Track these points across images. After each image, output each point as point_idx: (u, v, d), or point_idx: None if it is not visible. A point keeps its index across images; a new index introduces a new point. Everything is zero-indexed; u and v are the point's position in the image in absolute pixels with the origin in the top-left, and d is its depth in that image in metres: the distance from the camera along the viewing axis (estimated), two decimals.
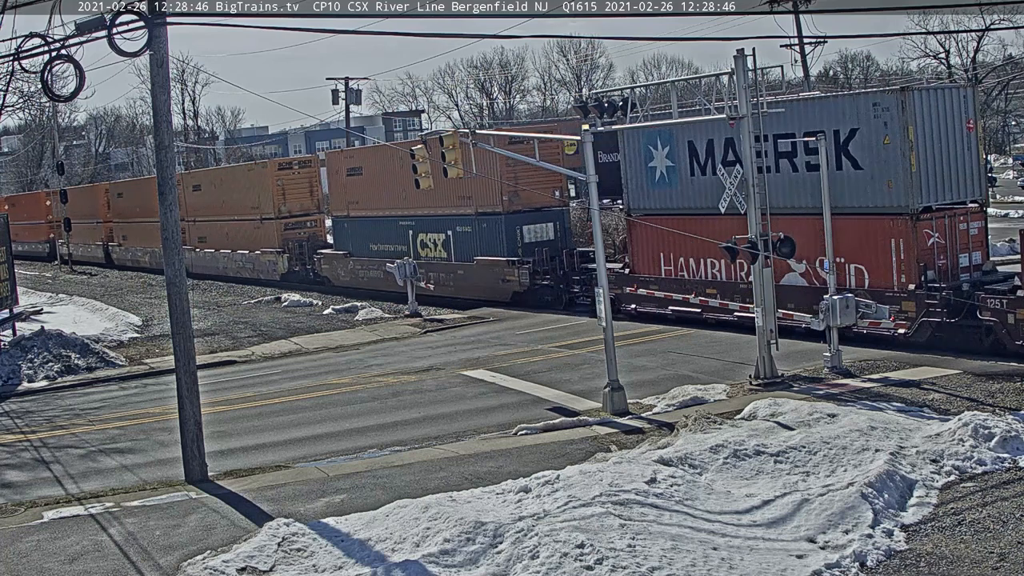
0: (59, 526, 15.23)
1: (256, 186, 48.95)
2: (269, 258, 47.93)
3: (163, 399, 23.14)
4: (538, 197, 33.44)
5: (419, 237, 38.16)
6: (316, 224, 48.42)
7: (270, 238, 48.04)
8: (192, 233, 54.76)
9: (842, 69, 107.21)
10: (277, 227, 47.82)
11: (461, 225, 35.89)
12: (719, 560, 12.12)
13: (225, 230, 52.03)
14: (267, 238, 48.21)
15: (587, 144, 21.14)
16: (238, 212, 50.57)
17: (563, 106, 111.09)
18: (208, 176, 58.91)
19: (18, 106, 39.97)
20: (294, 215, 48.00)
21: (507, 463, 16.70)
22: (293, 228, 47.75)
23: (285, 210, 47.82)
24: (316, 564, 12.83)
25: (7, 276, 32.75)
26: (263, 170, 49.65)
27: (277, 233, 47.64)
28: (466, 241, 35.76)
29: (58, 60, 16.70)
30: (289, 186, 47.84)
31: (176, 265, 17.23)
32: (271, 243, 47.98)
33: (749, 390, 20.39)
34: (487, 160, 28.93)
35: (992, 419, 16.03)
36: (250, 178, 49.94)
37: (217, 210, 52.67)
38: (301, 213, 48.13)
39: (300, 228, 47.87)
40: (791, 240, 21.26)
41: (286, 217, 47.89)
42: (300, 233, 47.59)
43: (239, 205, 50.31)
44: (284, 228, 47.72)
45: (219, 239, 52.92)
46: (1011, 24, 64.67)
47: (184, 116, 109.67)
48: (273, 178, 47.98)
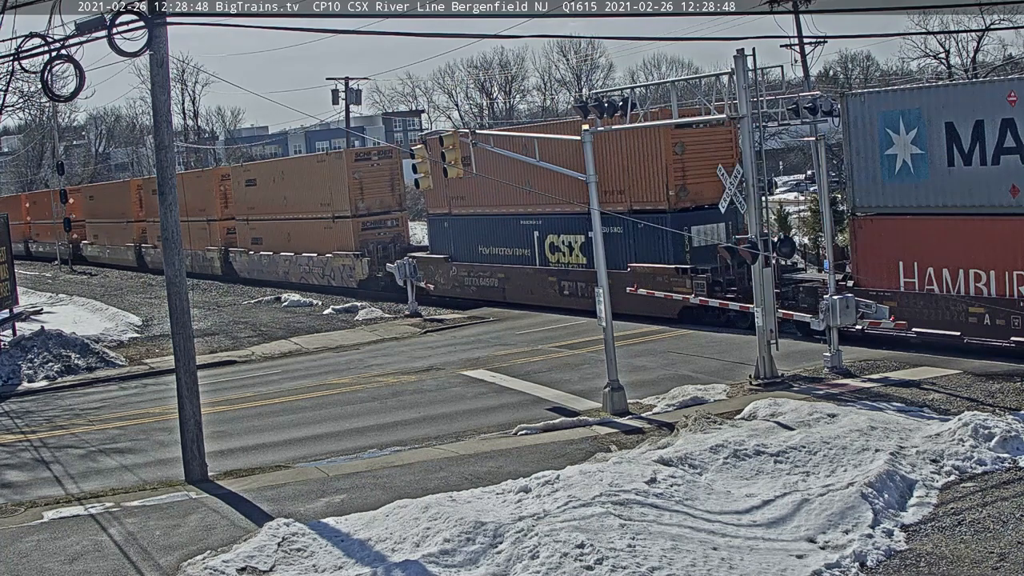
0: (59, 526, 15.23)
1: (327, 180, 43.18)
2: (344, 262, 42.03)
3: (163, 399, 23.13)
4: (708, 191, 27.94)
5: (548, 239, 32.74)
6: (399, 223, 42.73)
7: (344, 239, 42.34)
8: (244, 234, 49.91)
9: (842, 69, 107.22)
10: (353, 227, 41.86)
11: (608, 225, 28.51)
12: (719, 560, 12.12)
13: (287, 230, 46.25)
14: (340, 239, 42.56)
15: (587, 144, 21.13)
16: (304, 210, 44.81)
17: (563, 106, 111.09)
18: (266, 169, 51.90)
19: (18, 106, 39.98)
20: (373, 213, 42.14)
21: (507, 463, 16.70)
22: (372, 228, 41.99)
23: (363, 207, 41.93)
24: (316, 564, 12.83)
25: (7, 276, 32.75)
26: (337, 161, 43.71)
27: (353, 234, 41.85)
28: (614, 244, 29.02)
29: (58, 60, 16.70)
30: (367, 179, 41.74)
31: (176, 265, 17.24)
32: (345, 245, 42.28)
33: (749, 390, 20.39)
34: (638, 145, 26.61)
35: (992, 419, 16.03)
36: (319, 171, 44.21)
37: (277, 208, 46.94)
38: (381, 211, 42.42)
39: (380, 228, 42.18)
40: (791, 240, 21.26)
41: (364, 215, 41.99)
42: (380, 233, 41.94)
43: (305, 202, 44.43)
44: (362, 228, 41.83)
45: (279, 241, 47.04)
46: (1011, 24, 64.67)
47: (184, 116, 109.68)
48: (349, 170, 42.10)
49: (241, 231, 50.36)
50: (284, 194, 46.18)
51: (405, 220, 43.54)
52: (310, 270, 44.45)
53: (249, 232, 49.68)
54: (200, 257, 53.85)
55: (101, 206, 67.08)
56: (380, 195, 42.37)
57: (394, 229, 42.52)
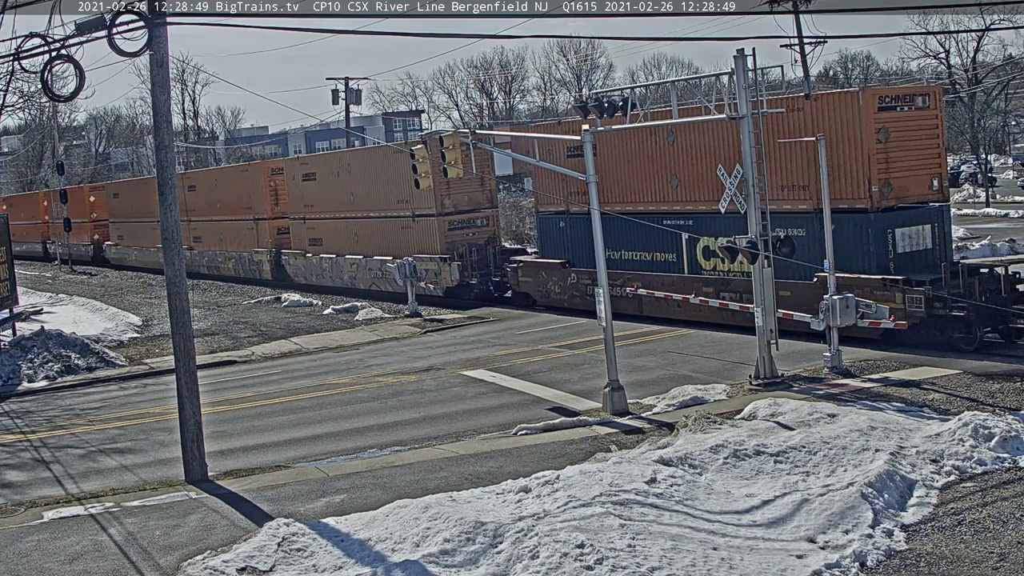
0: (59, 526, 15.23)
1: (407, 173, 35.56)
2: (427, 266, 37.08)
3: (163, 399, 23.13)
4: (915, 187, 24.18)
5: (701, 244, 27.71)
6: (489, 222, 37.94)
7: (427, 241, 37.70)
8: (301, 234, 45.22)
9: (842, 69, 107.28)
10: (439, 226, 37.15)
11: (784, 226, 24.46)
12: (719, 560, 12.12)
13: (354, 229, 41.67)
14: (423, 241, 37.99)
15: (587, 144, 21.13)
16: (375, 207, 39.95)
17: (563, 106, 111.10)
18: (329, 162, 46.09)
19: (18, 106, 39.96)
20: (461, 211, 37.35)
21: (507, 463, 16.70)
22: (459, 228, 37.28)
23: (449, 204, 37.15)
24: (316, 564, 12.83)
25: (7, 276, 32.74)
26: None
27: (439, 234, 37.14)
28: (796, 250, 24.17)
29: (58, 60, 16.71)
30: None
31: (176, 265, 17.23)
32: (429, 247, 37.61)
33: (749, 390, 20.39)
34: (831, 129, 22.90)
35: (992, 419, 16.03)
36: (397, 163, 37.13)
37: (341, 205, 42.15)
38: (469, 208, 37.58)
39: (469, 228, 37.47)
40: (791, 240, 21.26)
41: (451, 213, 37.26)
42: (470, 234, 37.19)
43: (377, 198, 39.33)
44: (448, 228, 37.16)
45: (343, 242, 42.30)
46: (1011, 24, 64.67)
47: (184, 116, 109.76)
48: None
49: (296, 231, 45.74)
50: (351, 190, 41.11)
51: (495, 219, 38.77)
52: (383, 275, 39.26)
53: (306, 232, 44.96)
54: (246, 260, 49.75)
55: (127, 204, 61.88)
56: (468, 191, 37.04)
57: (484, 229, 37.77)
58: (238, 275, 50.38)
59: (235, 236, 50.23)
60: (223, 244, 51.61)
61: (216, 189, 52.13)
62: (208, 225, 52.79)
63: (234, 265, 50.83)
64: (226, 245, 51.35)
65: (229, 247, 51.13)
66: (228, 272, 51.29)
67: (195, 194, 53.54)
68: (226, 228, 51.02)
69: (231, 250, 50.89)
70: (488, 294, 36.31)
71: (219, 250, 52.04)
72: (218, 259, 52.10)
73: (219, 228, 51.69)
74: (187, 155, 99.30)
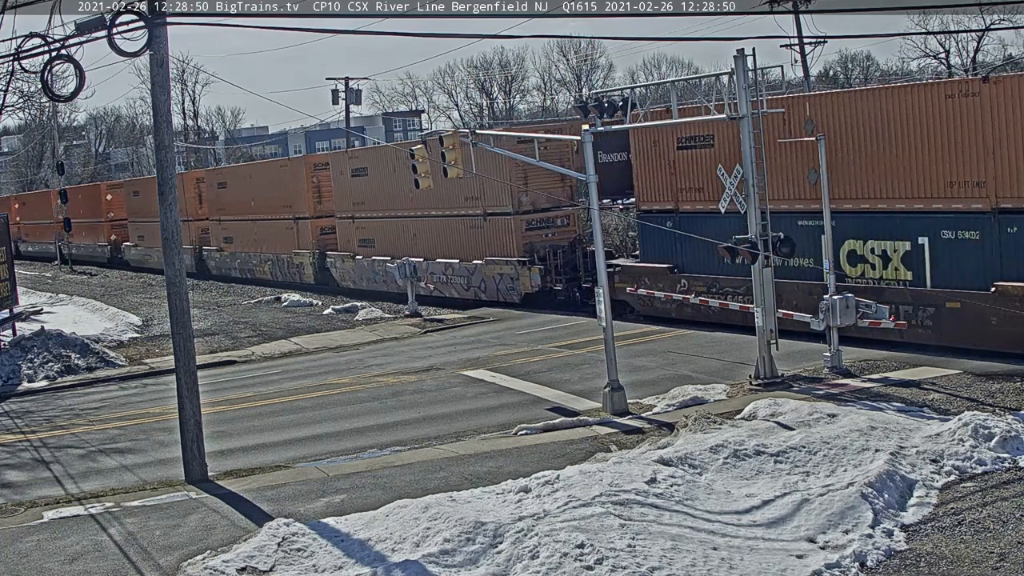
0: (59, 526, 15.23)
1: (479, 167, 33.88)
2: (501, 271, 34.27)
3: (163, 399, 23.14)
4: None
5: (848, 245, 23.89)
6: (569, 222, 34.62)
7: (502, 242, 34.64)
8: (350, 235, 41.83)
9: (842, 69, 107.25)
10: (515, 226, 34.04)
11: (952, 228, 21.83)
12: (719, 560, 12.12)
13: (412, 230, 38.61)
14: (496, 242, 34.82)
15: (587, 144, 21.14)
16: (439, 205, 36.34)
17: (563, 106, 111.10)
18: (380, 156, 41.51)
19: (18, 106, 40.03)
20: (539, 209, 34.18)
21: (507, 463, 16.70)
22: (537, 228, 34.04)
23: (527, 202, 34.05)
24: (316, 564, 12.83)
25: (7, 276, 32.75)
26: None
27: (515, 235, 33.97)
28: (966, 256, 21.69)
29: (58, 60, 16.72)
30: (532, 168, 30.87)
31: (176, 265, 17.22)
32: (504, 249, 34.50)
33: (749, 390, 20.39)
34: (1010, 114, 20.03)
35: (992, 419, 16.03)
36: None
37: (397, 203, 38.51)
38: (547, 207, 34.33)
39: (548, 228, 34.11)
40: (791, 240, 21.25)
41: (528, 212, 34.12)
42: (549, 235, 33.80)
43: (441, 196, 34.66)
44: (525, 227, 34.00)
45: (401, 242, 39.03)
46: (1011, 24, 64.72)
47: (184, 116, 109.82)
48: None
49: (344, 232, 42.83)
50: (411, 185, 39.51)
51: (576, 218, 34.61)
52: (448, 280, 36.51)
53: (355, 233, 41.86)
54: (284, 262, 47.10)
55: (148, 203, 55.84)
56: (548, 187, 33.31)
57: (565, 229, 34.19)
58: (275, 279, 47.25)
59: (272, 237, 47.11)
60: (258, 245, 48.71)
61: (250, 186, 49.02)
62: (241, 225, 49.75)
63: (271, 268, 47.85)
64: (261, 247, 48.40)
65: (265, 249, 48.14)
66: (264, 275, 48.37)
67: (226, 192, 50.65)
68: (262, 228, 48.05)
69: (267, 252, 47.89)
70: (574, 301, 32.72)
71: (253, 252, 49.09)
72: (252, 261, 49.28)
73: (253, 228, 48.64)
74: (187, 155, 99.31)
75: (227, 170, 58.56)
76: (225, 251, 51.58)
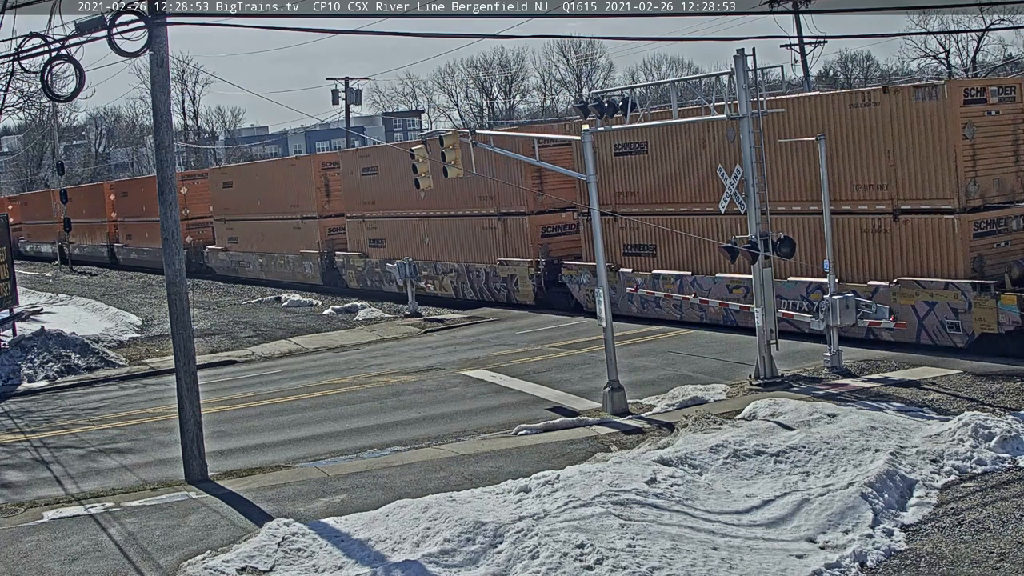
0: (59, 526, 15.23)
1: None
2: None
3: (163, 399, 23.14)
4: None
5: None
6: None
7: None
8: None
9: (842, 69, 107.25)
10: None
11: None
12: (719, 560, 12.12)
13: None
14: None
15: (587, 144, 21.12)
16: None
17: (563, 106, 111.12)
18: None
19: (18, 106, 40.02)
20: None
21: (507, 463, 16.70)
22: (990, 233, 23.50)
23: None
24: (316, 564, 12.83)
25: (7, 276, 32.74)
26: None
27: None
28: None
29: (58, 60, 16.73)
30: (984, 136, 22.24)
31: (176, 265, 17.23)
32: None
33: (749, 390, 20.38)
34: None
35: (992, 419, 16.03)
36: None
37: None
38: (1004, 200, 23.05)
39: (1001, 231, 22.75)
40: (791, 240, 21.25)
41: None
42: (1004, 244, 22.45)
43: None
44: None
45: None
46: (1011, 24, 64.75)
47: (184, 116, 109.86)
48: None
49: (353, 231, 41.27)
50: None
51: None
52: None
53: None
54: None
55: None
56: (1001, 166, 22.67)
57: None
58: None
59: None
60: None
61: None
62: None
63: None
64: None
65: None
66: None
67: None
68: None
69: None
70: None
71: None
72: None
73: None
74: (187, 155, 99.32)
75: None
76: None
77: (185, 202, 51.75)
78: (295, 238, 45.74)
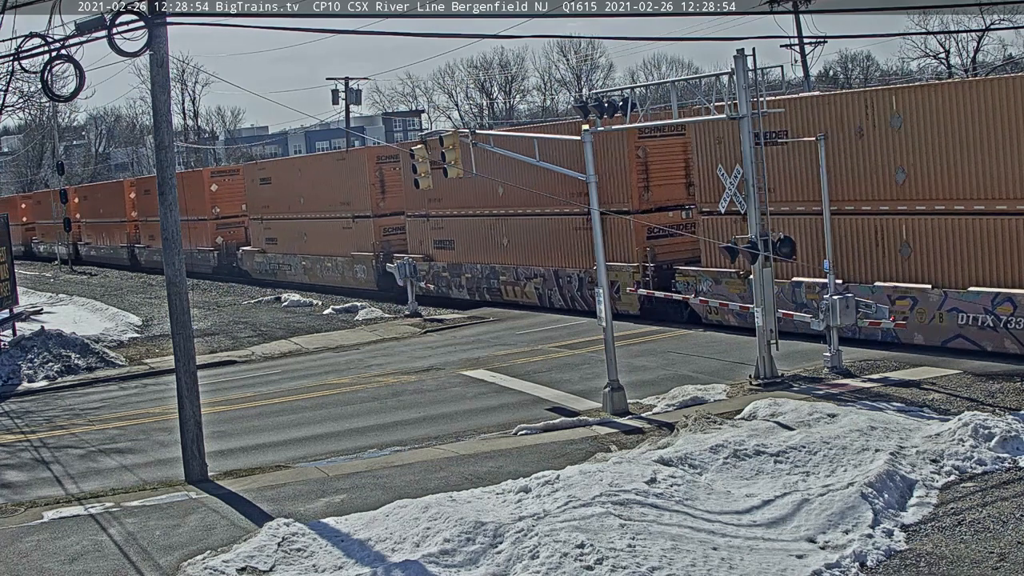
0: (59, 526, 15.22)
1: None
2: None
3: (163, 399, 23.14)
4: None
5: None
6: None
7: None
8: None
9: (842, 69, 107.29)
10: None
11: None
12: (719, 560, 12.12)
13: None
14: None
15: (587, 144, 21.12)
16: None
17: (563, 106, 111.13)
18: None
19: (18, 106, 40.00)
20: None
21: (507, 463, 16.70)
22: None
23: None
24: (316, 564, 12.83)
25: (7, 276, 32.74)
26: None
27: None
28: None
29: (58, 60, 16.72)
30: None
31: (176, 265, 17.22)
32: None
33: (749, 390, 20.38)
34: None
35: (992, 419, 16.03)
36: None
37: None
38: None
39: None
40: (791, 240, 21.25)
41: None
42: None
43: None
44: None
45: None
46: (1011, 24, 64.76)
47: (184, 116, 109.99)
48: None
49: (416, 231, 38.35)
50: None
51: None
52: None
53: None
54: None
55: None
56: None
57: None
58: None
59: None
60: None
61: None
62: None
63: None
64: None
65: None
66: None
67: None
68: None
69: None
70: None
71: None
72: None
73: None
74: (187, 155, 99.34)
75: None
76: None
77: (214, 200, 49.76)
78: (345, 239, 42.14)
